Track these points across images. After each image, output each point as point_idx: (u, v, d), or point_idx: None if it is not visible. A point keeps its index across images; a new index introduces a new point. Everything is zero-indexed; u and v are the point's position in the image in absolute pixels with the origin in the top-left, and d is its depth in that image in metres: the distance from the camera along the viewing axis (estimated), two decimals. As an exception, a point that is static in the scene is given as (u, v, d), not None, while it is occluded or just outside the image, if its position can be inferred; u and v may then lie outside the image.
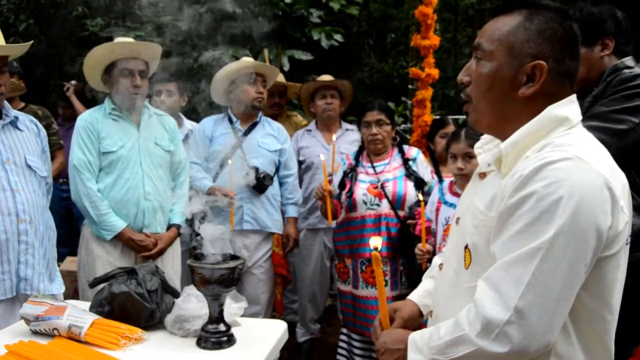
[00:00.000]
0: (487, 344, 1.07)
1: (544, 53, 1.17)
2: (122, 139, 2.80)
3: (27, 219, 2.20)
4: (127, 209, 2.79)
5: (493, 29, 1.23)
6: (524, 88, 1.18)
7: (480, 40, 1.25)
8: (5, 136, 2.24)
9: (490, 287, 1.09)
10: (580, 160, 1.08)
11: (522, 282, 1.05)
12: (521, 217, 1.08)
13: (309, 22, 5.82)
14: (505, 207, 1.11)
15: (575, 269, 1.05)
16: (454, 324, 1.15)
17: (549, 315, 1.05)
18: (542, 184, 1.06)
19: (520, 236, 1.07)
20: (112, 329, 1.66)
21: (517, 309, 1.04)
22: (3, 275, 2.16)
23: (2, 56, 2.20)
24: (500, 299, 1.06)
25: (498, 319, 1.06)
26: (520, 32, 1.19)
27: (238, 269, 1.62)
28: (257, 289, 3.23)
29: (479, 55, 1.25)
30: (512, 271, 1.07)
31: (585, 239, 1.05)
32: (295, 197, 3.43)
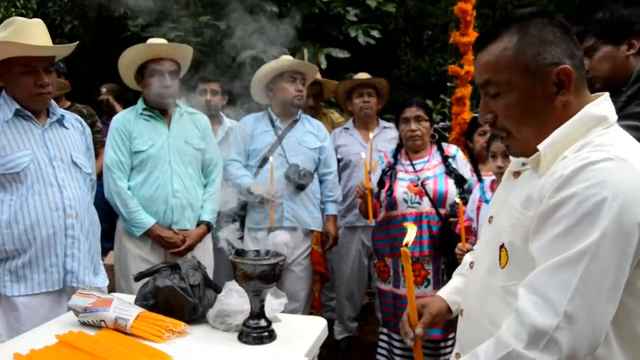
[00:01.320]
0: (538, 355, 1.02)
1: (559, 56, 1.16)
2: (152, 138, 2.86)
3: (73, 214, 2.27)
4: (156, 206, 2.85)
5: (493, 60, 1.20)
6: (560, 97, 1.17)
7: (487, 77, 1.21)
8: (52, 134, 2.32)
9: (534, 293, 1.06)
10: (622, 160, 1.05)
11: (570, 287, 1.01)
12: (563, 218, 1.05)
13: (345, 20, 5.81)
14: (546, 207, 1.08)
15: (623, 270, 1.03)
16: (495, 344, 1.09)
17: (598, 318, 1.02)
18: (585, 185, 1.03)
19: (563, 239, 1.04)
20: (157, 322, 1.70)
21: (566, 313, 1.01)
22: (51, 268, 2.23)
23: (50, 56, 2.28)
24: (546, 305, 1.03)
25: (547, 326, 1.02)
26: (526, 48, 1.16)
27: (279, 266, 1.63)
28: (296, 286, 3.24)
29: (491, 91, 1.21)
30: (557, 276, 1.03)
31: (630, 240, 1.02)
32: (335, 194, 3.43)
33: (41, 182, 2.22)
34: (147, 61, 2.85)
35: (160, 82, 2.82)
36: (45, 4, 6.17)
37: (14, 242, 2.17)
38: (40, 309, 2.21)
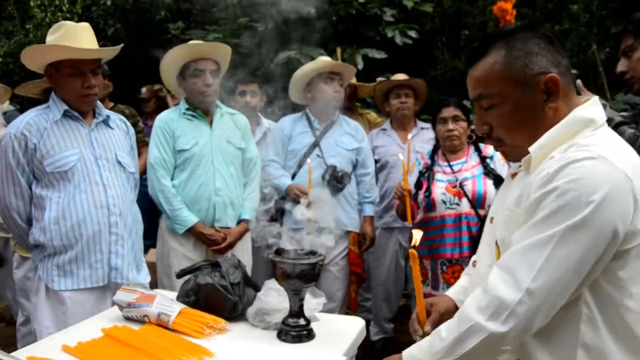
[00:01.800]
0: (498, 327, 1.12)
1: (545, 66, 1.23)
2: (195, 137, 2.91)
3: (117, 211, 2.33)
4: (199, 204, 2.90)
5: (484, 75, 1.27)
6: (550, 103, 1.23)
7: (479, 91, 1.28)
8: (98, 134, 2.39)
9: (504, 270, 1.15)
10: (603, 159, 1.12)
11: (536, 266, 1.11)
12: (542, 209, 1.13)
13: (382, 20, 5.79)
14: (530, 202, 1.17)
15: (587, 259, 1.10)
16: (458, 320, 1.19)
17: (555, 298, 1.12)
18: (565, 180, 1.11)
19: (538, 225, 1.13)
20: (198, 318, 1.73)
21: (529, 290, 1.11)
22: (96, 264, 2.30)
23: (96, 59, 2.34)
24: (513, 281, 1.13)
25: (511, 299, 1.12)
26: (513, 61, 1.23)
27: (318, 265, 1.65)
28: (332, 286, 3.25)
29: (485, 104, 1.28)
30: (526, 256, 1.13)
31: (602, 234, 1.09)
32: (372, 195, 3.43)
33: (87, 180, 2.28)
34: (189, 62, 2.90)
35: (202, 81, 2.88)
36: (90, 8, 6.36)
37: (61, 238, 2.25)
38: (85, 303, 2.28)
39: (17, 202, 2.27)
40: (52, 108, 2.32)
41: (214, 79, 2.92)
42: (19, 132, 2.23)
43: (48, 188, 2.26)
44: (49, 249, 2.26)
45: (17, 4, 7.31)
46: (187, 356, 1.51)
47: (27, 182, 2.27)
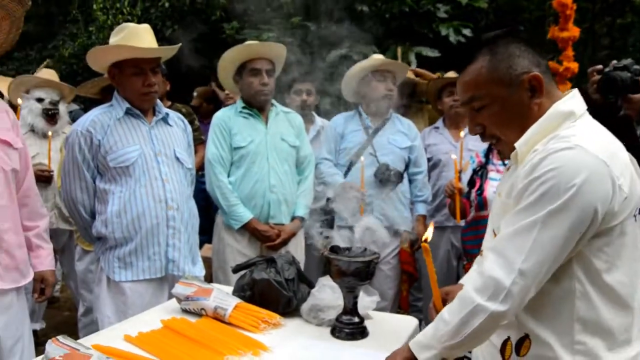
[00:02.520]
0: (498, 306, 1.21)
1: (527, 66, 1.33)
2: (251, 135, 2.96)
3: (174, 206, 2.40)
4: (254, 200, 2.94)
5: (473, 79, 1.37)
6: (535, 100, 1.33)
7: (470, 94, 1.38)
8: (158, 131, 2.46)
9: (497, 254, 1.24)
10: (580, 147, 1.21)
11: (525, 249, 1.21)
12: (527, 197, 1.23)
13: (436, 17, 5.71)
14: (517, 191, 1.27)
15: (571, 237, 1.21)
16: (459, 302, 1.27)
17: (544, 274, 1.22)
18: (546, 169, 1.21)
19: (524, 211, 1.23)
20: (253, 313, 1.77)
21: (520, 270, 1.20)
22: (154, 256, 2.37)
23: (156, 58, 2.42)
24: (506, 264, 1.22)
25: (505, 280, 1.21)
26: (498, 64, 1.34)
27: (373, 263, 1.65)
28: (384, 285, 3.24)
29: (476, 106, 1.37)
30: (515, 240, 1.23)
31: (583, 215, 1.19)
32: (424, 194, 3.40)
33: (147, 175, 2.36)
34: (245, 61, 2.95)
35: (259, 80, 2.92)
36: (149, 10, 6.56)
37: (122, 230, 2.33)
38: (144, 294, 2.35)
39: (83, 196, 2.37)
40: (115, 106, 2.41)
41: (270, 78, 2.96)
42: (85, 129, 2.33)
43: (111, 182, 2.35)
44: (111, 241, 2.35)
45: (81, 8, 7.63)
46: (243, 350, 1.55)
47: (92, 176, 2.37)
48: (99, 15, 6.80)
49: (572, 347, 1.26)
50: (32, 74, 4.15)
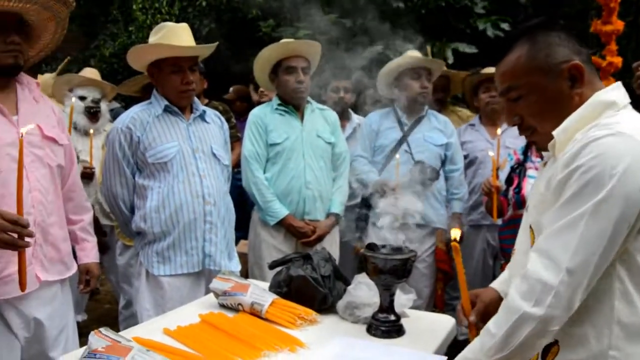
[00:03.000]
0: (545, 310, 1.14)
1: (567, 54, 1.28)
2: (287, 131, 2.98)
3: (211, 201, 2.43)
4: (290, 196, 2.95)
5: (511, 68, 1.33)
6: (575, 90, 1.28)
7: (507, 84, 1.34)
8: (195, 128, 2.50)
9: (541, 254, 1.18)
10: (622, 134, 1.16)
11: (571, 245, 1.14)
12: (569, 188, 1.17)
13: (473, 12, 5.61)
14: (557, 182, 1.21)
15: (620, 230, 1.13)
16: (505, 311, 1.21)
17: (592, 273, 1.14)
18: (588, 157, 1.15)
19: (567, 205, 1.16)
20: (290, 309, 1.77)
21: (568, 269, 1.13)
22: (192, 250, 2.41)
23: (194, 56, 2.45)
24: (552, 264, 1.15)
25: (552, 281, 1.14)
26: (536, 53, 1.29)
27: (410, 261, 1.64)
28: (419, 283, 3.22)
29: (513, 96, 1.33)
30: (561, 236, 1.16)
31: (630, 204, 1.12)
32: (461, 192, 3.36)
33: (185, 171, 2.40)
34: (281, 59, 2.97)
35: (295, 78, 2.95)
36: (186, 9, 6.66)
37: (160, 225, 2.37)
38: (182, 288, 2.39)
39: (123, 191, 2.43)
40: (154, 104, 2.46)
41: (305, 75, 2.98)
42: (125, 126, 2.38)
43: (150, 178, 2.40)
44: (149, 236, 2.40)
45: (121, 8, 7.80)
46: (280, 345, 1.55)
47: (132, 172, 2.42)
48: (138, 15, 6.94)
49: (606, 355, 1.17)
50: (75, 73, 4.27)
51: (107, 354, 1.38)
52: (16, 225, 1.65)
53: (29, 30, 1.95)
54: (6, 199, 1.78)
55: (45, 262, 1.95)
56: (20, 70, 1.94)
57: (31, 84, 2.02)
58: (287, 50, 2.97)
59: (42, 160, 1.95)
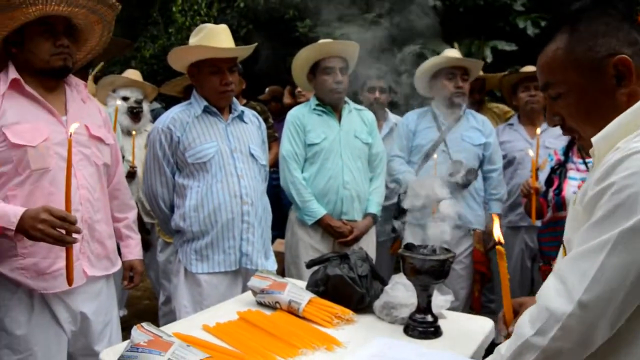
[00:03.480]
0: (550, 342, 1.02)
1: (614, 47, 1.10)
2: (325, 132, 2.99)
3: (249, 201, 2.46)
4: (328, 196, 2.96)
5: (548, 62, 1.18)
6: (623, 89, 1.10)
7: (545, 80, 1.19)
8: (234, 128, 2.54)
9: (558, 279, 1.05)
10: None
11: (589, 276, 0.99)
12: (600, 208, 1.01)
13: (512, 10, 5.52)
14: (589, 198, 1.05)
15: None
16: (514, 334, 1.10)
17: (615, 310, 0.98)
18: (622, 175, 0.98)
19: (594, 228, 1.01)
20: (327, 308, 1.78)
21: (580, 302, 0.99)
22: (229, 249, 2.44)
23: (233, 58, 2.49)
24: (565, 292, 1.02)
25: (561, 312, 1.01)
26: (575, 45, 1.12)
27: (449, 262, 1.62)
28: (456, 285, 3.18)
29: (552, 93, 1.18)
30: (579, 264, 1.01)
31: None
32: (499, 192, 3.32)
33: (223, 171, 2.43)
34: (319, 60, 2.99)
35: (333, 78, 2.95)
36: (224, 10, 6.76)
37: (199, 224, 2.42)
38: (219, 286, 2.43)
39: (163, 190, 2.48)
40: (193, 104, 2.50)
41: (343, 76, 2.98)
42: (165, 126, 2.43)
43: (189, 178, 2.44)
44: (188, 234, 2.44)
45: (161, 11, 7.97)
46: (317, 344, 1.56)
47: (172, 172, 2.47)
48: (177, 17, 7.08)
49: None
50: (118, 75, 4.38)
51: (149, 348, 1.40)
52: (65, 222, 1.71)
53: (77, 33, 2.02)
54: (55, 196, 1.85)
55: (92, 257, 2.02)
56: (69, 72, 2.01)
57: (79, 86, 2.10)
58: (325, 51, 2.98)
59: (89, 159, 2.02)
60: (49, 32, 1.89)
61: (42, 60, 1.90)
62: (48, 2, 1.80)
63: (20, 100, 1.89)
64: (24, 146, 1.83)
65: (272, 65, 5.19)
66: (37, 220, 1.70)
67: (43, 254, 1.86)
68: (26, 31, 1.87)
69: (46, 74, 1.94)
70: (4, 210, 1.75)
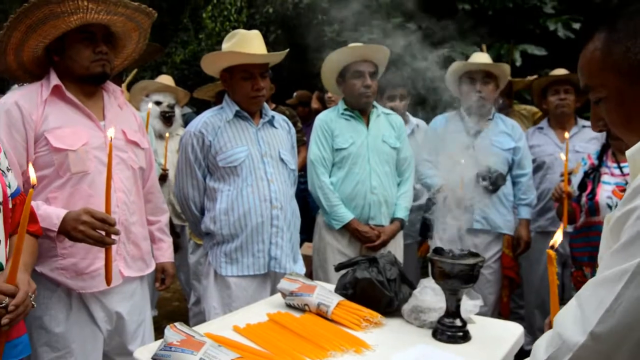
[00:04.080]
0: None
1: None
2: (352, 136, 3.00)
3: (278, 205, 2.49)
4: (355, 201, 2.97)
5: (586, 63, 1.09)
6: None
7: (584, 83, 1.11)
8: (264, 133, 2.57)
9: (577, 305, 0.96)
10: None
11: (604, 306, 0.90)
12: (624, 233, 0.92)
13: (542, 12, 5.44)
14: (615, 219, 0.96)
15: None
16: (532, 354, 1.03)
17: (630, 344, 0.89)
18: None
19: (617, 254, 0.92)
20: (355, 311, 1.79)
21: (593, 334, 0.90)
22: (258, 253, 2.48)
23: (264, 63, 2.53)
24: (581, 320, 0.93)
25: (573, 342, 0.93)
26: (613, 46, 1.03)
27: (478, 266, 1.63)
28: (484, 290, 3.17)
29: (592, 97, 1.10)
30: (598, 290, 0.92)
31: None
32: (529, 197, 3.29)
33: (253, 175, 2.47)
34: (348, 64, 3.00)
35: (362, 82, 2.96)
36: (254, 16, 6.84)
37: (229, 227, 2.46)
38: (248, 289, 2.47)
39: (194, 193, 2.53)
40: (225, 109, 2.55)
41: (372, 80, 2.98)
42: (197, 130, 2.48)
43: (220, 181, 2.49)
44: (218, 237, 2.48)
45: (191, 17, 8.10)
46: (346, 346, 1.58)
47: (203, 175, 2.52)
48: (207, 23, 7.18)
49: None
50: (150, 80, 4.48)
51: (181, 347, 1.44)
52: (104, 223, 1.77)
53: (115, 40, 2.08)
54: (93, 199, 1.91)
55: (128, 259, 2.07)
56: (107, 79, 2.07)
57: (116, 92, 2.16)
58: (356, 54, 2.98)
59: (126, 163, 2.07)
60: (89, 40, 1.95)
61: (82, 67, 1.96)
62: (88, 11, 1.86)
63: (61, 106, 1.96)
64: (65, 150, 1.90)
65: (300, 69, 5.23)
66: (78, 221, 1.77)
67: (82, 254, 1.93)
68: (67, 39, 1.94)
69: (86, 80, 2.00)
70: (47, 212, 1.81)
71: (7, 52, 1.92)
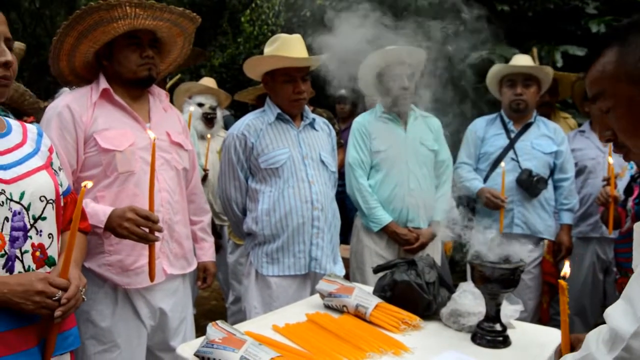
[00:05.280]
0: None
1: None
2: (390, 139, 2.99)
3: (319, 207, 2.52)
4: (393, 204, 2.96)
5: (598, 74, 1.14)
6: None
7: (594, 92, 1.16)
8: (305, 135, 2.61)
9: (625, 299, 1.02)
10: None
11: None
12: None
13: (584, 13, 5.32)
14: None
15: None
16: (583, 347, 1.08)
17: None
18: None
19: None
20: (394, 313, 1.80)
21: None
22: (299, 254, 2.51)
23: (306, 67, 2.55)
24: (631, 311, 0.99)
25: (625, 331, 0.98)
26: (626, 57, 1.08)
27: (519, 271, 1.61)
28: (524, 295, 3.11)
29: (602, 107, 1.15)
30: None
31: None
32: (571, 202, 3.22)
33: (295, 177, 2.50)
34: (385, 67, 2.98)
35: (398, 85, 2.94)
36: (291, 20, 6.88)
37: (271, 228, 2.49)
38: (288, 289, 2.50)
39: (236, 194, 2.58)
40: (267, 112, 2.59)
41: (410, 82, 2.97)
42: (240, 132, 2.53)
43: (261, 183, 2.53)
44: (260, 238, 2.52)
45: (230, 21, 8.21)
46: (384, 348, 1.59)
47: (245, 176, 2.56)
48: (246, 26, 7.26)
49: None
50: (194, 82, 4.57)
51: (223, 344, 1.48)
52: (148, 221, 1.83)
53: (160, 45, 2.15)
54: (138, 198, 1.98)
55: (171, 257, 2.13)
56: (153, 82, 2.14)
57: (161, 95, 2.23)
58: (393, 57, 2.98)
59: (170, 164, 2.13)
60: (136, 45, 2.02)
61: (130, 71, 2.03)
62: (136, 17, 1.93)
63: (110, 108, 2.03)
64: (112, 151, 1.97)
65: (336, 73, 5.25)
66: (123, 218, 1.83)
67: (127, 251, 1.99)
68: (115, 44, 2.01)
69: (133, 83, 2.07)
70: (95, 209, 1.89)
71: (60, 57, 2.00)
